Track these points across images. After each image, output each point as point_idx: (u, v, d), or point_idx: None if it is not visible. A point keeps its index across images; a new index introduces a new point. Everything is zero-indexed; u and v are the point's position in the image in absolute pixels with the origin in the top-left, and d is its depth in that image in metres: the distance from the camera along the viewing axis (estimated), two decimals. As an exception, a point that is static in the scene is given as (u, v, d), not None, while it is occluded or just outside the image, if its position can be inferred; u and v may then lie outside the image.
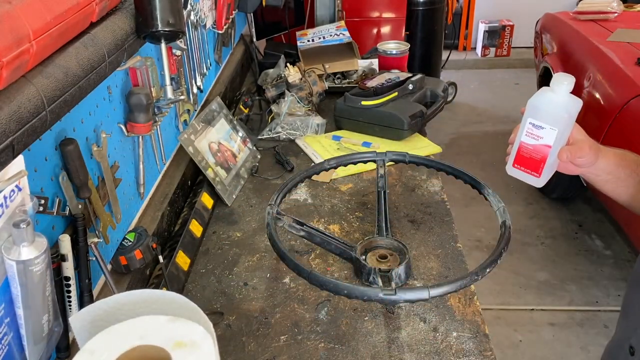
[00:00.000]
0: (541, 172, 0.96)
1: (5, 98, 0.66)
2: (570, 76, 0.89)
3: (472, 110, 4.77)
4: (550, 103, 0.90)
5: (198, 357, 0.60)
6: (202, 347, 0.61)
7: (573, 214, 3.33)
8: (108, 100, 1.09)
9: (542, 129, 0.92)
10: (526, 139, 0.94)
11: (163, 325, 0.63)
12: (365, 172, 1.70)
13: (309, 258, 1.35)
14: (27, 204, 0.75)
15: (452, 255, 1.35)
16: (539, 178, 0.96)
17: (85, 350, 0.60)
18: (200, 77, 1.69)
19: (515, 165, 0.98)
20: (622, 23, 3.19)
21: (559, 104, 0.90)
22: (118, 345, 0.60)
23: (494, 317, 2.65)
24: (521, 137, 0.95)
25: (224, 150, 1.65)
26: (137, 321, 0.64)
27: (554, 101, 0.90)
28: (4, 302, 0.70)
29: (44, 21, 0.72)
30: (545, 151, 0.93)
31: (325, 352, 1.09)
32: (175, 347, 0.60)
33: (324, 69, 2.24)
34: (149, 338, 0.61)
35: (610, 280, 2.85)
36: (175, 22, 1.08)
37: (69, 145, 0.89)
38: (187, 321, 0.63)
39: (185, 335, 0.62)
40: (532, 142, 0.94)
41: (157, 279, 1.22)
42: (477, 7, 5.68)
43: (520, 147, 0.96)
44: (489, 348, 1.09)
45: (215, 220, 1.52)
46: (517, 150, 0.96)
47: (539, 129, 0.92)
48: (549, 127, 0.91)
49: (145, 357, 0.61)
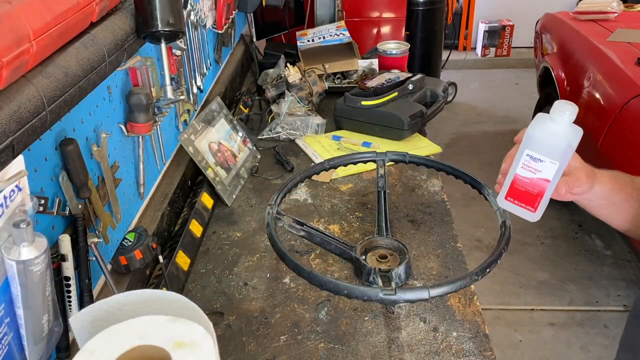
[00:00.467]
0: (537, 207, 0.87)
1: (5, 98, 0.66)
2: (573, 105, 0.81)
3: (472, 110, 4.76)
4: (551, 134, 0.82)
5: (198, 357, 0.60)
6: (202, 347, 0.61)
7: (573, 214, 3.33)
8: (108, 100, 1.09)
9: (540, 162, 0.83)
10: (522, 171, 0.85)
11: (163, 325, 0.63)
12: (365, 172, 1.70)
13: (309, 258, 1.35)
14: (27, 204, 0.75)
15: (452, 255, 1.35)
16: (534, 213, 0.88)
17: (85, 350, 0.60)
18: (200, 77, 1.69)
19: (508, 198, 0.89)
20: (622, 23, 3.19)
21: (560, 136, 0.81)
22: (118, 345, 0.60)
23: (494, 317, 2.65)
24: (516, 169, 0.86)
25: (224, 150, 1.65)
26: (137, 321, 0.64)
27: (554, 132, 0.81)
28: (4, 302, 0.70)
29: (44, 21, 0.72)
30: (543, 185, 0.85)
31: (325, 352, 1.09)
32: (175, 347, 0.60)
33: (324, 69, 2.24)
34: (149, 338, 0.61)
35: (610, 280, 2.85)
36: (175, 22, 1.08)
37: (69, 145, 0.89)
38: (187, 321, 0.63)
39: (186, 336, 0.62)
40: (529, 176, 0.85)
41: (157, 279, 1.22)
42: (477, 7, 5.68)
43: (515, 180, 0.87)
44: (489, 348, 1.09)
45: (215, 220, 1.52)
46: (512, 183, 0.87)
47: (538, 161, 0.84)
48: (548, 161, 0.83)
49: (145, 357, 0.61)
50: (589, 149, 2.63)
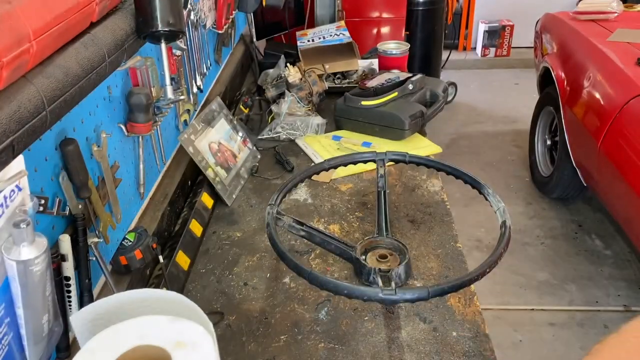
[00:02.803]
0: None
1: (5, 98, 0.66)
2: None
3: (472, 110, 4.76)
4: None
5: (198, 357, 0.60)
6: (202, 347, 0.61)
7: (573, 214, 3.32)
8: (108, 100, 1.09)
9: None
10: None
11: (163, 325, 0.63)
12: (365, 172, 1.70)
13: (309, 258, 1.35)
14: (27, 204, 0.75)
15: (452, 255, 1.35)
16: None
17: (86, 350, 0.60)
18: (200, 77, 1.69)
19: None
20: (622, 23, 3.19)
21: None
22: (118, 345, 0.60)
23: (494, 317, 2.65)
24: None
25: (224, 150, 1.65)
26: (137, 321, 0.64)
27: None
28: (4, 302, 0.70)
29: (44, 21, 0.72)
30: None
31: (325, 352, 1.09)
32: (175, 347, 0.60)
33: (324, 69, 2.24)
34: (149, 338, 0.61)
35: (610, 280, 2.85)
36: (175, 22, 1.08)
37: (69, 145, 0.89)
38: (187, 321, 0.63)
39: (186, 336, 0.62)
40: None
41: (157, 279, 1.22)
42: (477, 7, 5.67)
43: None
44: (489, 348, 1.09)
45: (215, 220, 1.52)
46: None
47: None
48: None
49: (145, 356, 0.61)
50: (589, 149, 2.63)
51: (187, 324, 0.63)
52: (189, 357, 0.60)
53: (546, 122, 3.47)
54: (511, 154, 3.95)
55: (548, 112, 3.40)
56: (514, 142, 4.09)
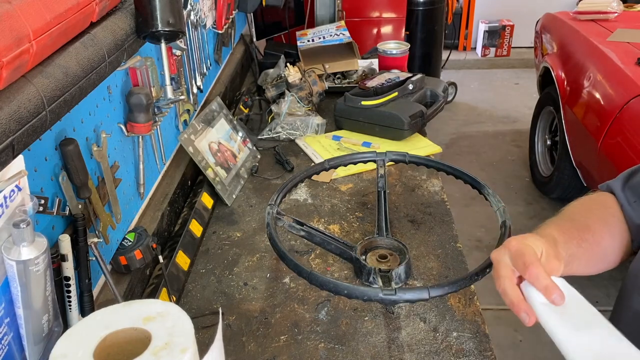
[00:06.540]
0: None
1: (5, 98, 0.66)
2: None
3: (472, 110, 4.76)
4: None
5: (172, 319, 0.60)
6: (170, 312, 0.61)
7: (573, 214, 3.32)
8: (108, 100, 1.09)
9: None
10: None
11: (121, 311, 0.62)
12: (365, 172, 1.70)
13: (309, 258, 1.35)
14: (27, 204, 0.75)
15: (452, 255, 1.35)
16: None
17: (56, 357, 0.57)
18: (200, 77, 1.69)
19: None
20: (622, 23, 3.19)
21: None
22: (87, 341, 0.58)
23: (494, 317, 2.65)
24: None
25: (224, 150, 1.65)
26: (93, 317, 0.62)
27: None
28: (4, 302, 0.70)
29: (44, 21, 0.72)
30: None
31: (325, 352, 1.09)
32: (146, 321, 0.59)
33: (324, 69, 2.24)
34: (115, 324, 0.60)
35: (610, 280, 2.85)
36: (175, 22, 1.08)
37: (69, 145, 0.89)
38: (141, 301, 0.63)
39: (148, 310, 0.61)
40: None
41: (157, 279, 1.22)
42: (477, 7, 5.68)
43: None
44: (489, 348, 1.08)
45: (215, 220, 1.52)
46: None
47: None
48: None
49: (122, 342, 0.59)
50: (589, 149, 2.63)
51: (141, 303, 0.63)
52: (166, 323, 0.59)
53: (546, 122, 3.47)
54: (511, 154, 3.95)
55: (548, 112, 3.40)
56: (514, 142, 4.09)
